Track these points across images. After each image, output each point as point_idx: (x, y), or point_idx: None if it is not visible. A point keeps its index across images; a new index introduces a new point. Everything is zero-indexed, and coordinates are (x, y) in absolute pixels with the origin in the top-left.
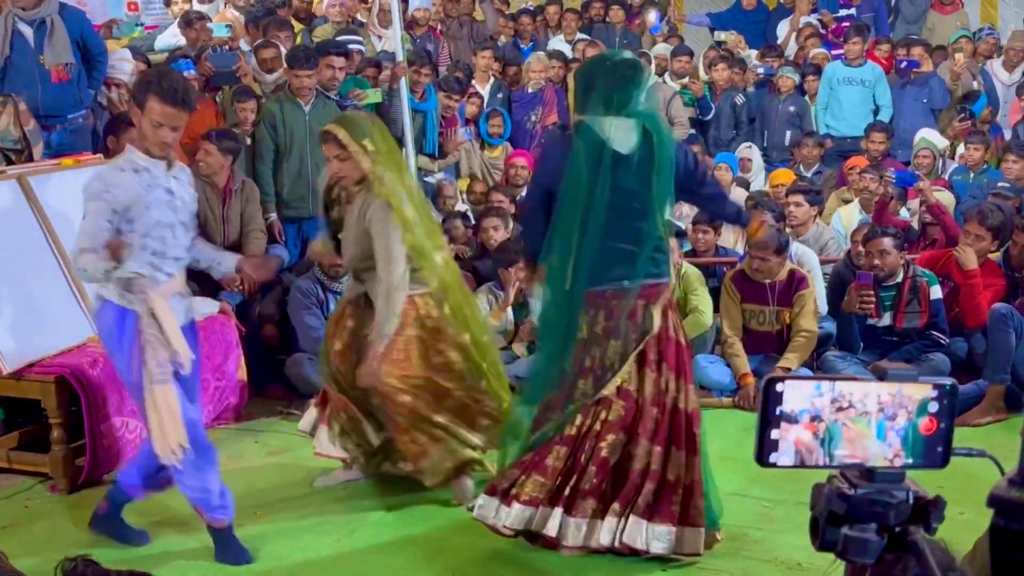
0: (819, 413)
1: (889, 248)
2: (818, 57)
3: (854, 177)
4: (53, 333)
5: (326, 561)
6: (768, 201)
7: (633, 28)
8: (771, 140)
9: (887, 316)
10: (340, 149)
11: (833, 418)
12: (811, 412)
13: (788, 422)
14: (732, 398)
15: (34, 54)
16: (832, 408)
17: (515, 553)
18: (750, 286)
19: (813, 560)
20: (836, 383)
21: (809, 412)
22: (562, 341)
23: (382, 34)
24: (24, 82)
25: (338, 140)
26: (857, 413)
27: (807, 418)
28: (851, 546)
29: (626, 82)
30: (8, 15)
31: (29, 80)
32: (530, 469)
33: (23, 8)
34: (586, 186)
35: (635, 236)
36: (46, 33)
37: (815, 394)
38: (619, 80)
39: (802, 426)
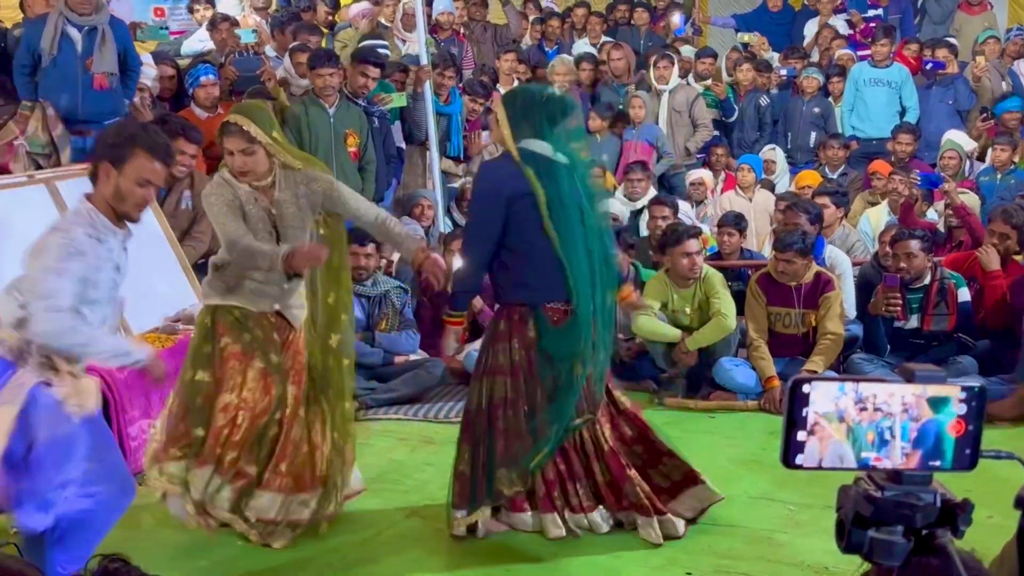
0: (843, 413)
1: (916, 250)
2: (843, 58)
3: (876, 182)
4: None
5: (353, 560)
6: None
7: (657, 30)
8: (795, 142)
9: (914, 319)
10: (247, 143)
11: (857, 419)
12: (836, 414)
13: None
14: (757, 401)
15: (80, 59)
16: (857, 409)
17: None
18: (776, 288)
19: (840, 563)
20: (860, 384)
21: (834, 415)
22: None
23: (406, 38)
24: (65, 85)
25: (246, 133)
26: (883, 415)
27: (832, 421)
28: (877, 549)
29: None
30: (59, 17)
31: (71, 84)
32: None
33: (80, 14)
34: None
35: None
36: (96, 40)
37: (839, 394)
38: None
39: (827, 428)
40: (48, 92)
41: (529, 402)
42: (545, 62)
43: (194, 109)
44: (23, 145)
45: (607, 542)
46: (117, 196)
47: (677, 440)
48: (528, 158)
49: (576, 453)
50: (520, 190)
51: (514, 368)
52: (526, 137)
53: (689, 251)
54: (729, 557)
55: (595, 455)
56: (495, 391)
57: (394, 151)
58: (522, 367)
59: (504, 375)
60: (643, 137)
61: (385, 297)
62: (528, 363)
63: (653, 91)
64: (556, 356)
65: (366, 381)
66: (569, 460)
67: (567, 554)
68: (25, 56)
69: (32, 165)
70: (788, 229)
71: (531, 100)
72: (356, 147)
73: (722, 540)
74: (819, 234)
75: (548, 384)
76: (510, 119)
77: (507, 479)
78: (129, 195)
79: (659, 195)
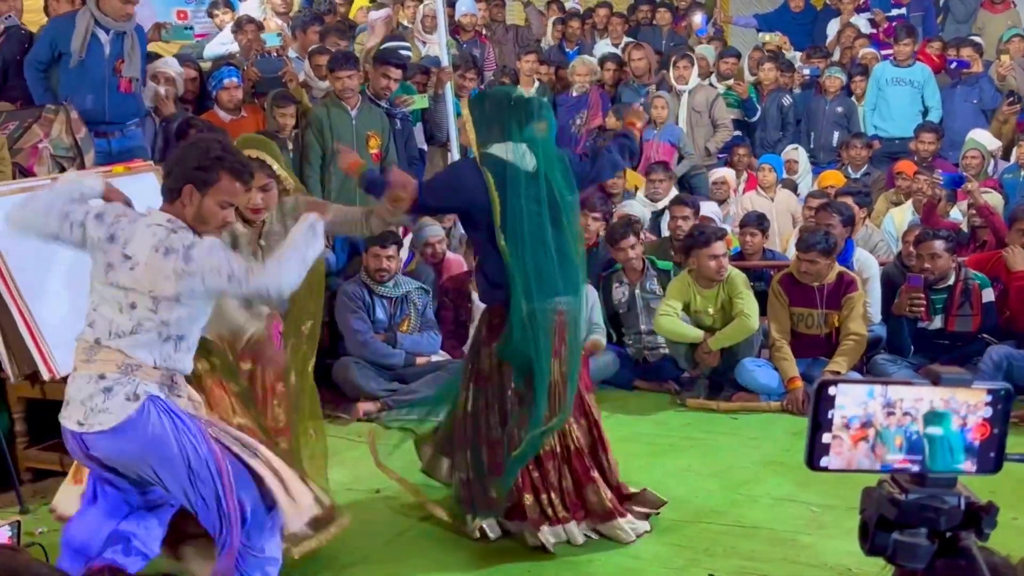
0: (871, 418)
1: (940, 251)
2: (867, 57)
3: (901, 182)
4: None
5: (376, 564)
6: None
7: (679, 30)
8: (818, 141)
9: (938, 319)
10: (267, 178)
11: (885, 423)
12: (862, 418)
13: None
14: (780, 402)
15: (108, 62)
16: (884, 413)
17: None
18: (798, 289)
19: (863, 565)
20: (888, 387)
21: (860, 418)
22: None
23: (426, 39)
24: (91, 87)
25: (267, 167)
26: (911, 419)
27: (858, 424)
28: (901, 551)
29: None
30: (89, 19)
31: (97, 86)
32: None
33: (114, 20)
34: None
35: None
36: (125, 44)
37: (867, 399)
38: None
39: (853, 431)
40: (72, 92)
41: (502, 409)
42: (566, 63)
43: (217, 111)
44: (47, 148)
45: (626, 545)
46: (199, 218)
47: (699, 442)
48: (490, 164)
49: (550, 459)
50: (470, 200)
51: (492, 374)
52: (494, 141)
53: (716, 253)
54: (752, 558)
55: (563, 458)
56: (478, 398)
57: (416, 152)
58: (497, 372)
59: (484, 382)
60: (664, 138)
61: (406, 298)
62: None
63: (673, 91)
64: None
65: (388, 382)
66: (543, 468)
67: (588, 556)
68: (45, 53)
69: (56, 168)
70: (819, 228)
71: (499, 103)
72: (378, 149)
73: (745, 541)
74: (849, 236)
75: (521, 389)
76: (476, 123)
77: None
78: (212, 218)
79: (680, 195)
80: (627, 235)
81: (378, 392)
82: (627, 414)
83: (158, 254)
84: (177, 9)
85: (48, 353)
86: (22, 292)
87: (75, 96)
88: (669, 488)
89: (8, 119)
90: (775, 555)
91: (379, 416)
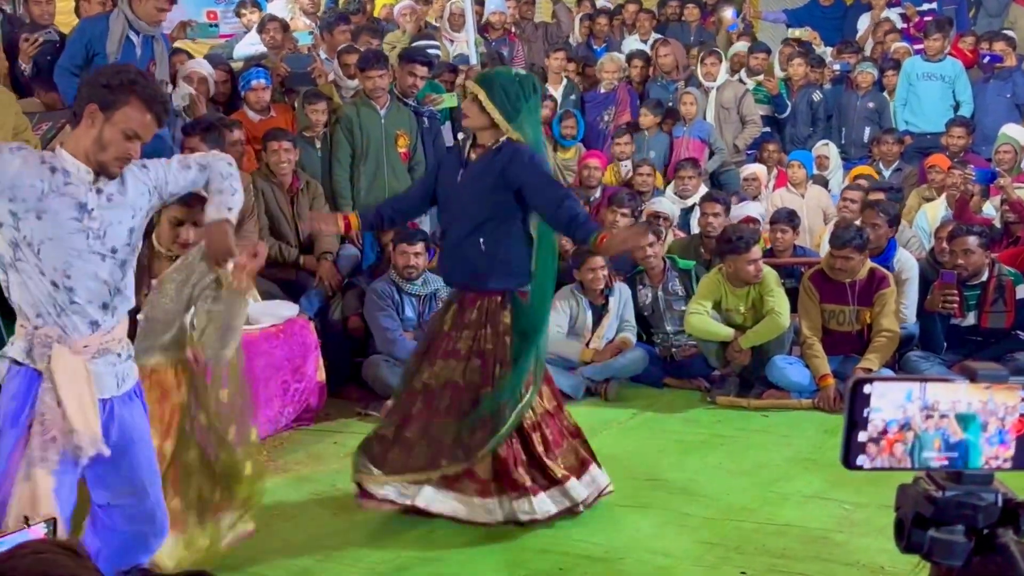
0: (909, 421)
1: (974, 247)
2: (899, 52)
3: (934, 176)
4: None
5: (406, 559)
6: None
7: (708, 26)
8: (849, 137)
9: (971, 315)
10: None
11: (924, 427)
12: (900, 421)
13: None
14: (812, 400)
15: (140, 64)
16: (922, 416)
17: (587, 549)
18: (829, 285)
19: (896, 563)
20: (927, 388)
21: (899, 421)
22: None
23: (454, 38)
24: None
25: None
26: (948, 421)
27: (896, 427)
28: (937, 548)
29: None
30: (123, 22)
31: None
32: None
33: (148, 24)
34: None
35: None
36: (155, 48)
37: (905, 402)
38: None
39: (892, 435)
40: None
41: (496, 386)
42: (594, 60)
43: (246, 112)
44: None
45: (659, 541)
46: (98, 144)
47: (730, 439)
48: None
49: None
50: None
51: (479, 353)
52: (512, 120)
53: (755, 258)
54: (784, 556)
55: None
56: (443, 373)
57: (444, 150)
58: (491, 353)
59: (461, 359)
60: (695, 134)
61: (434, 295)
62: (502, 348)
63: (701, 88)
64: (531, 332)
65: None
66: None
67: (618, 553)
68: (79, 55)
69: None
70: (852, 224)
71: (508, 80)
72: (407, 148)
73: (776, 539)
74: (892, 236)
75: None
76: (496, 101)
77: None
78: (112, 144)
79: (711, 192)
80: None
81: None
82: (657, 412)
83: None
84: (207, 9)
85: None
86: None
87: None
88: (700, 485)
89: (41, 120)
90: (807, 553)
91: None
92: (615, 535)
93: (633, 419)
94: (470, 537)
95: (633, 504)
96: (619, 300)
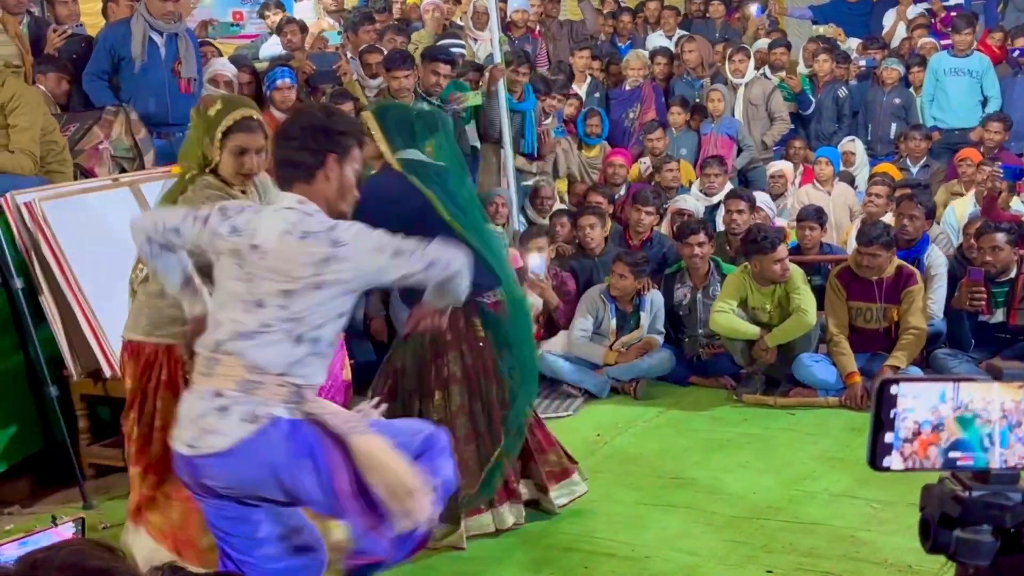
0: (943, 422)
1: (1002, 244)
2: (927, 47)
3: (965, 169)
4: None
5: (432, 556)
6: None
7: (732, 22)
8: (876, 133)
9: (999, 313)
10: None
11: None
12: (934, 422)
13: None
14: (838, 397)
15: (166, 64)
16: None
17: (613, 548)
18: (856, 283)
19: (923, 562)
20: (960, 388)
21: (932, 422)
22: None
23: (478, 36)
24: (153, 90)
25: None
26: (982, 421)
27: (930, 428)
28: (964, 549)
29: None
30: (143, 24)
31: (159, 88)
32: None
33: (165, 21)
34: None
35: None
36: (180, 46)
37: (938, 403)
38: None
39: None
40: (135, 96)
41: (486, 404)
42: (618, 57)
43: (272, 111)
44: (108, 149)
45: (685, 540)
46: (341, 191)
47: (756, 438)
48: (409, 166)
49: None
50: (413, 206)
51: (468, 374)
52: (402, 148)
53: (781, 258)
54: (811, 555)
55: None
56: (452, 401)
57: (468, 150)
58: (476, 371)
59: (458, 383)
60: (723, 131)
61: None
62: (483, 365)
63: (729, 84)
64: (513, 344)
65: None
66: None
67: (644, 552)
68: (106, 61)
69: (117, 168)
70: (879, 221)
71: (404, 115)
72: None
73: (804, 538)
74: (927, 230)
75: (507, 379)
76: (385, 132)
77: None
78: (349, 190)
79: (735, 189)
80: (698, 231)
81: None
82: (682, 410)
83: (291, 238)
84: (233, 10)
85: (110, 351)
86: (84, 291)
87: (137, 100)
88: (726, 484)
89: (69, 121)
90: (834, 552)
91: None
92: (641, 533)
93: (659, 417)
94: (492, 536)
95: (659, 503)
96: (650, 313)
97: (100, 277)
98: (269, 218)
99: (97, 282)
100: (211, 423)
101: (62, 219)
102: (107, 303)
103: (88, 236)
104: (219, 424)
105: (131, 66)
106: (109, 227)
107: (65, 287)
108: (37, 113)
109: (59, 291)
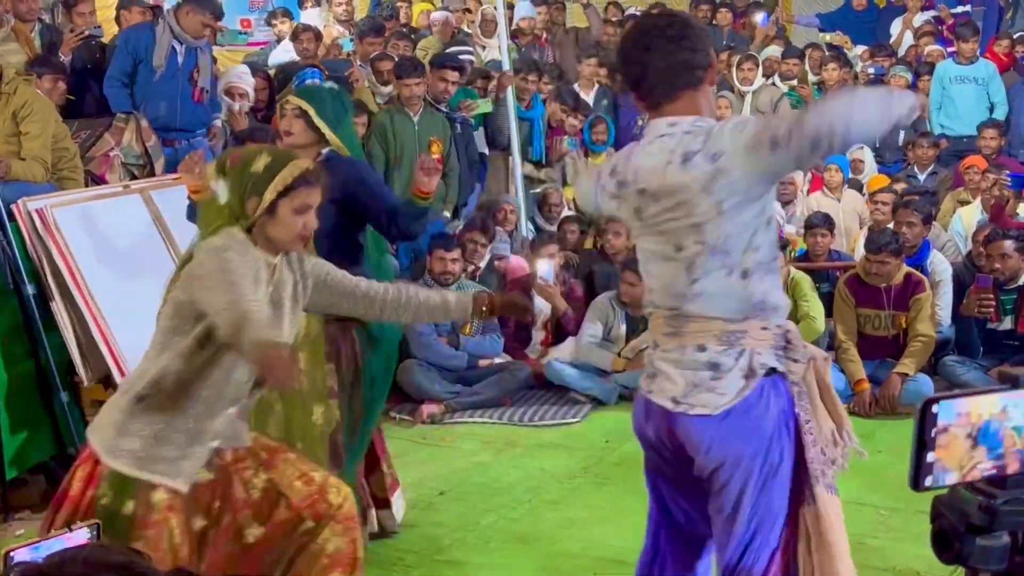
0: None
1: (1010, 251)
2: (934, 54)
3: (971, 176)
4: None
5: (441, 565)
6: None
7: (739, 30)
8: (884, 141)
9: (1008, 320)
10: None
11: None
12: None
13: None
14: (847, 404)
15: (183, 72)
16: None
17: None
18: (865, 290)
19: (932, 569)
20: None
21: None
22: None
23: (486, 44)
24: (166, 96)
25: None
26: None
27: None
28: (980, 555)
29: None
30: (169, 34)
31: (172, 95)
32: None
33: (192, 37)
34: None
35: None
36: (197, 56)
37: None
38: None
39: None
40: (147, 100)
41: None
42: None
43: None
44: (118, 156)
45: None
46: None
47: None
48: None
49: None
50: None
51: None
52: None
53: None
54: None
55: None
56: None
57: (477, 157)
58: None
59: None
60: None
61: None
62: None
63: (736, 92)
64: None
65: (451, 384)
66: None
67: None
68: (127, 64)
69: (127, 175)
70: (887, 228)
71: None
72: (440, 154)
73: None
74: (926, 236)
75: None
76: (323, 115)
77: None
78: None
79: None
80: None
81: (441, 394)
82: None
83: (673, 167)
84: (241, 18)
85: (121, 357)
86: (96, 297)
87: (149, 104)
88: None
89: (80, 128)
90: None
91: (443, 418)
92: None
93: None
94: (503, 540)
95: None
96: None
97: (111, 283)
98: (640, 156)
99: (108, 288)
100: (705, 379)
101: (73, 225)
102: (118, 309)
103: (99, 242)
104: (716, 382)
105: (148, 71)
106: (120, 233)
107: (76, 293)
108: (49, 120)
109: (70, 297)
